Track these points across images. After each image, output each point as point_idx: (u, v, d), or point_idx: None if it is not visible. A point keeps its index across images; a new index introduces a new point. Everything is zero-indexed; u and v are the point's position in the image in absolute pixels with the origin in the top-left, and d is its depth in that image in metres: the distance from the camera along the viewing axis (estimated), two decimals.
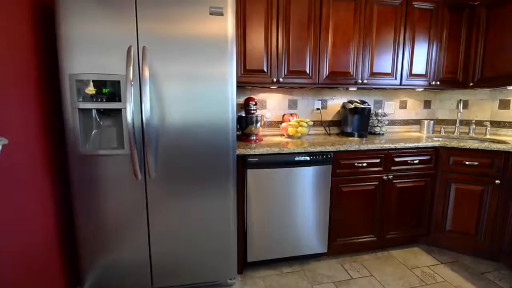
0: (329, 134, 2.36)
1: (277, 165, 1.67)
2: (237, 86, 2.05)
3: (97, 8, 1.29)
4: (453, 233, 1.96)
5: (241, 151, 1.60)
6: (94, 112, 1.43)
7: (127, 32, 1.33)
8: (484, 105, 2.47)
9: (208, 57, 1.42)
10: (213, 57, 1.42)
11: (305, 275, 1.72)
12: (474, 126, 2.33)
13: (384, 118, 2.37)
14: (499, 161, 1.77)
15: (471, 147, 1.83)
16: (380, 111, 2.38)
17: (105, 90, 1.36)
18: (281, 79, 1.92)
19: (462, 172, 1.88)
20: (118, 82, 1.35)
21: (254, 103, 1.93)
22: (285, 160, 1.68)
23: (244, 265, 1.78)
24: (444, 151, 1.93)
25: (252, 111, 1.94)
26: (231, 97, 1.48)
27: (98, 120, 1.45)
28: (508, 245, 1.77)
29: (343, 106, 2.29)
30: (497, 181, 1.77)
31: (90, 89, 1.34)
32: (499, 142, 1.99)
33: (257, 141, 1.93)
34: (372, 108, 2.50)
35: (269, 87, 2.17)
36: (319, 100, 2.40)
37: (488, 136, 2.24)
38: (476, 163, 1.83)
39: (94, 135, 1.43)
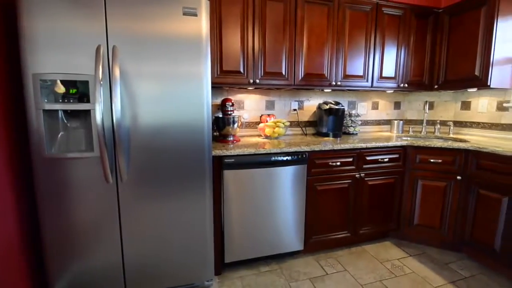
0: (306, 134, 2.42)
1: (253, 165, 1.69)
2: (214, 87, 2.05)
3: (63, 4, 1.24)
4: (420, 227, 2.08)
5: (217, 152, 1.60)
6: (60, 113, 1.37)
7: (96, 31, 1.28)
8: (448, 106, 2.64)
9: (182, 57, 1.41)
10: (187, 57, 1.42)
11: (282, 273, 1.75)
12: (439, 126, 2.49)
13: (357, 118, 2.47)
14: (460, 159, 1.91)
15: (435, 146, 1.95)
16: (353, 111, 2.47)
17: (72, 91, 1.31)
18: (257, 80, 1.94)
19: (428, 169, 2.00)
20: (87, 82, 1.31)
21: (230, 103, 1.94)
22: (262, 161, 1.70)
23: (222, 266, 1.78)
24: (411, 149, 2.04)
25: (229, 112, 1.95)
26: (206, 97, 1.48)
27: (65, 121, 1.39)
28: (468, 236, 1.90)
29: (319, 107, 2.36)
30: (458, 177, 1.91)
31: (56, 89, 1.29)
32: (460, 141, 2.14)
33: (234, 141, 1.93)
34: (346, 109, 2.60)
35: (246, 88, 2.18)
36: (295, 101, 2.45)
37: (451, 135, 2.40)
38: (440, 160, 1.96)
39: (61, 137, 1.37)
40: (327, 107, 2.26)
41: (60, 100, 1.29)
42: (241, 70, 1.91)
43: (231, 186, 1.67)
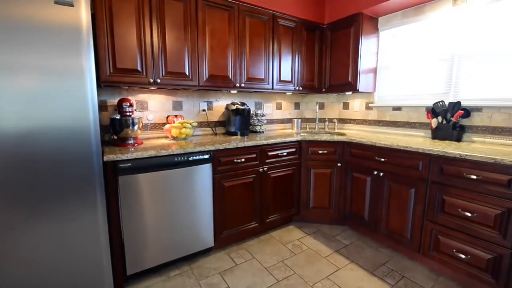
0: (216, 134, 2.48)
1: (155, 168, 1.63)
2: (110, 86, 1.87)
3: None
4: (315, 209, 2.44)
5: (110, 157, 1.46)
6: None
7: None
8: (334, 106, 3.18)
9: (57, 50, 1.25)
10: (63, 50, 1.26)
11: (192, 273, 1.76)
12: (327, 122, 2.98)
13: (263, 118, 2.69)
14: (339, 149, 2.33)
15: (321, 140, 2.33)
16: (259, 111, 2.68)
17: None
18: (158, 80, 1.88)
19: (317, 159, 2.37)
20: None
21: (128, 104, 1.81)
22: (165, 162, 1.66)
23: (125, 279, 1.65)
24: (305, 144, 2.37)
25: (128, 113, 1.81)
26: (91, 97, 1.34)
27: None
28: (348, 211, 2.35)
29: (226, 107, 2.46)
30: (338, 164, 2.33)
31: None
32: (341, 134, 2.61)
33: (136, 145, 1.82)
34: (253, 109, 2.80)
35: (148, 88, 2.07)
36: (204, 101, 2.48)
37: (336, 130, 2.90)
38: (326, 151, 2.35)
39: None
40: (234, 107, 2.38)
41: None
42: (139, 68, 1.80)
43: (130, 192, 1.56)
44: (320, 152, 2.35)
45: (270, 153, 2.19)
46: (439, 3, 2.21)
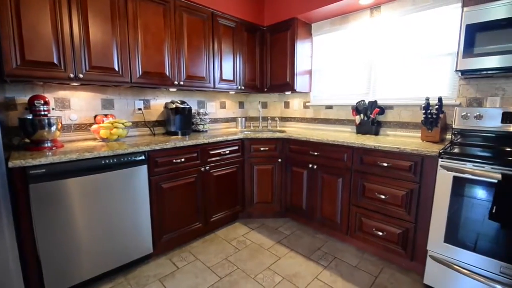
0: (154, 134, 2.36)
1: (78, 173, 1.47)
2: (19, 81, 1.62)
3: None
4: (259, 204, 2.52)
5: (17, 162, 1.26)
6: None
7: None
8: (276, 105, 3.33)
9: None
10: None
11: (128, 283, 1.64)
12: (270, 121, 3.11)
13: (206, 117, 2.66)
14: (279, 146, 2.45)
15: (262, 137, 2.42)
16: (202, 110, 2.64)
17: None
18: (80, 75, 1.69)
19: (260, 156, 2.45)
20: None
21: (42, 102, 1.58)
22: (90, 166, 1.50)
23: None
24: (247, 141, 2.43)
25: (42, 112, 1.59)
26: None
27: None
28: (289, 204, 2.49)
29: (166, 106, 2.36)
30: (279, 160, 2.45)
31: None
32: (281, 132, 2.75)
33: (54, 148, 1.60)
34: (195, 108, 2.74)
35: (68, 84, 1.85)
36: (140, 99, 2.33)
37: (278, 128, 3.05)
38: (267, 148, 2.45)
39: None
40: (174, 106, 2.30)
41: None
42: (56, 61, 1.60)
43: (46, 202, 1.37)
44: (262, 149, 2.43)
45: (212, 152, 2.18)
46: (359, 14, 2.50)
